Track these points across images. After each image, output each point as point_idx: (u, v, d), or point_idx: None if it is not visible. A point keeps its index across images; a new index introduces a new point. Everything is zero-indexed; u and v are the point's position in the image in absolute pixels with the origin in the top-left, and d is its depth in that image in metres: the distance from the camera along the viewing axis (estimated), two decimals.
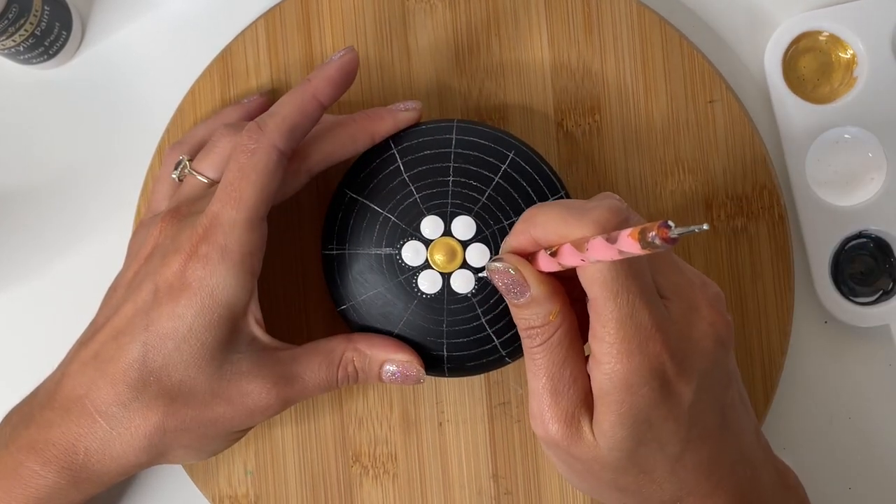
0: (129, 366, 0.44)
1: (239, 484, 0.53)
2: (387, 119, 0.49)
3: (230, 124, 0.50)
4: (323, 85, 0.46)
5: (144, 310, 0.44)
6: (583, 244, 0.37)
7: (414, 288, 0.48)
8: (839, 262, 0.54)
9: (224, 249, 0.44)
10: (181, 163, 0.49)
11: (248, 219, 0.44)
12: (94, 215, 0.56)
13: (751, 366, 0.53)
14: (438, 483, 0.53)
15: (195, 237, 0.44)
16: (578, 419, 0.41)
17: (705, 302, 0.41)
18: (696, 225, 0.30)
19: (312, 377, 0.47)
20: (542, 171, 0.49)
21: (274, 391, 0.46)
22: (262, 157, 0.44)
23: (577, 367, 0.41)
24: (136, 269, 0.46)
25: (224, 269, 0.44)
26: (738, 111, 0.53)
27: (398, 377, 0.48)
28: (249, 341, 0.46)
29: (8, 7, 0.49)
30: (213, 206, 0.44)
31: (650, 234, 0.31)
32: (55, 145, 0.56)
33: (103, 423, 0.44)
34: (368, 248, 0.49)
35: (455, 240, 0.48)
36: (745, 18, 0.56)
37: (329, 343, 0.48)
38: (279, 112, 0.45)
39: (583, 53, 0.54)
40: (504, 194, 0.49)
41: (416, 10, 0.54)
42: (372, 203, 0.49)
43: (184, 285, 0.44)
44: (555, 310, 0.41)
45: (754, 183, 0.53)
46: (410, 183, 0.49)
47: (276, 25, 0.54)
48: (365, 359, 0.48)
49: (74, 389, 0.45)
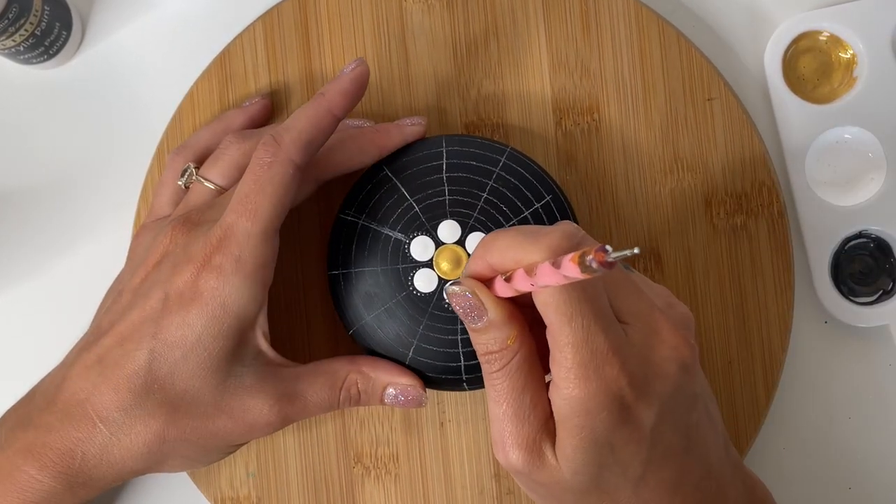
0: (134, 372, 0.44)
1: (241, 485, 0.53)
2: (394, 133, 0.50)
3: (238, 133, 0.50)
4: (338, 99, 0.46)
5: (153, 318, 0.44)
6: (533, 269, 0.37)
7: (409, 280, 0.49)
8: (839, 262, 0.54)
9: (238, 260, 0.44)
10: (188, 170, 0.50)
11: (263, 231, 0.44)
12: (93, 215, 0.56)
13: (752, 363, 0.53)
14: (440, 483, 0.53)
15: (209, 247, 0.44)
16: (540, 445, 0.40)
17: (667, 325, 0.41)
18: (629, 248, 0.30)
19: (314, 397, 0.47)
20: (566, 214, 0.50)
21: (276, 408, 0.46)
22: (278, 170, 0.45)
23: (537, 392, 0.41)
24: (143, 276, 0.46)
25: (237, 280, 0.44)
26: (737, 108, 0.53)
27: (401, 400, 0.48)
28: (255, 355, 0.46)
29: (8, 7, 0.49)
30: (228, 217, 0.44)
31: (588, 258, 0.32)
32: (55, 145, 0.56)
33: (103, 429, 0.44)
34: (381, 225, 0.49)
35: (465, 251, 0.49)
36: (745, 18, 0.56)
37: (333, 364, 0.48)
38: (295, 126, 0.46)
39: (581, 52, 0.54)
40: None
41: (413, 10, 0.54)
42: (403, 187, 0.49)
43: (195, 295, 0.44)
44: (512, 334, 0.41)
45: (753, 180, 0.53)
46: (447, 184, 0.50)
47: (274, 27, 0.54)
48: (368, 381, 0.48)
49: (76, 394, 0.45)
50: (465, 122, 0.54)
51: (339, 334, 0.53)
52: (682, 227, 0.53)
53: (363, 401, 0.48)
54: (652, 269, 0.53)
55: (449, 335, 0.49)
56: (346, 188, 0.51)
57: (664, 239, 0.53)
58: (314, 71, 0.54)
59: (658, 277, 0.53)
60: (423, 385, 0.49)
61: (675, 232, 0.53)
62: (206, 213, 0.47)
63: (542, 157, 0.53)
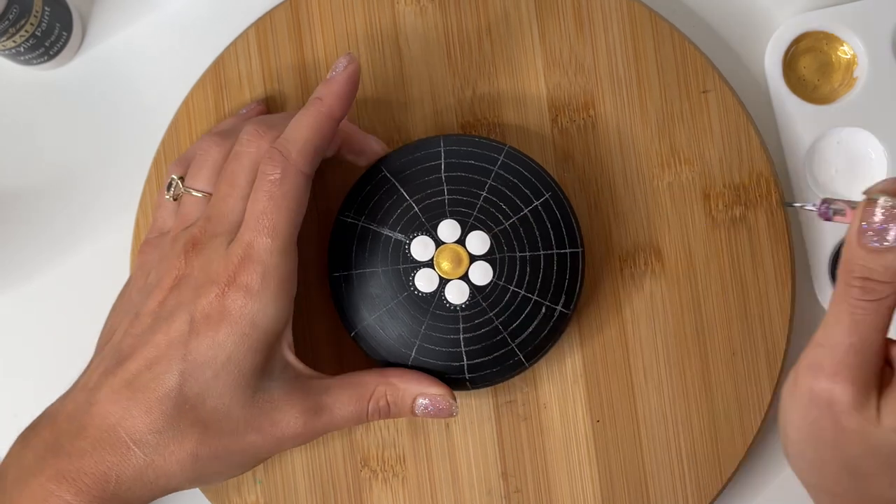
0: (165, 394, 0.44)
1: (248, 492, 0.53)
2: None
3: (214, 134, 0.50)
4: (336, 103, 0.46)
5: (181, 340, 0.44)
6: None
7: (410, 281, 0.49)
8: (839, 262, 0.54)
9: (264, 277, 0.44)
10: (172, 183, 0.49)
11: (283, 246, 0.45)
12: (93, 216, 0.56)
13: (755, 355, 0.53)
14: (448, 484, 0.53)
15: (231, 267, 0.44)
16: (872, 389, 0.39)
17: None
18: None
19: (342, 410, 0.47)
20: (568, 220, 0.50)
21: (302, 420, 0.46)
22: (290, 184, 0.45)
23: (884, 338, 0.39)
24: (160, 299, 0.46)
25: (265, 297, 0.44)
26: (732, 100, 0.53)
27: (431, 410, 0.48)
28: (283, 367, 0.46)
29: (8, 8, 0.49)
30: (246, 236, 0.45)
31: None
32: (55, 146, 0.56)
33: (138, 452, 0.44)
34: (381, 226, 0.50)
35: (466, 250, 0.49)
36: (745, 19, 0.56)
37: (362, 377, 0.48)
38: (300, 136, 0.46)
39: (575, 49, 0.54)
40: (527, 228, 0.49)
41: (406, 12, 0.54)
42: (402, 188, 0.49)
43: (223, 315, 0.44)
44: None
45: (750, 171, 0.53)
46: (446, 184, 0.50)
47: (267, 33, 0.54)
48: (398, 392, 0.48)
49: (106, 418, 0.44)
50: (461, 123, 0.54)
51: (342, 335, 0.53)
52: (681, 221, 0.53)
53: (393, 412, 0.48)
54: (652, 263, 0.53)
55: (451, 334, 0.49)
56: (346, 189, 0.51)
57: (663, 233, 0.53)
58: (308, 75, 0.54)
59: (658, 271, 0.53)
60: (454, 394, 0.49)
61: (675, 225, 0.53)
62: (207, 227, 0.47)
63: (539, 155, 0.53)
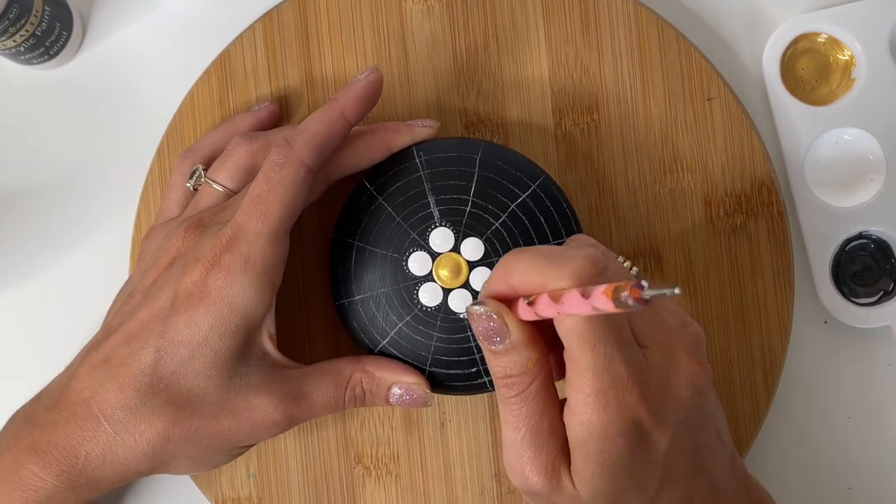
0: (140, 371, 0.44)
1: (242, 486, 0.53)
2: (404, 132, 0.50)
3: (245, 134, 0.50)
4: (351, 104, 0.47)
5: (161, 317, 0.44)
6: (559, 296, 0.36)
7: (414, 299, 0.49)
8: (839, 263, 0.54)
9: (247, 260, 0.44)
10: (196, 172, 0.50)
11: (273, 232, 0.45)
12: (93, 215, 0.56)
13: (752, 363, 0.53)
14: (441, 483, 0.53)
15: (218, 247, 0.44)
16: (558, 469, 0.40)
17: (683, 349, 0.41)
18: (668, 288, 0.30)
19: (320, 397, 0.47)
20: (562, 209, 0.50)
21: (281, 408, 0.46)
22: (290, 171, 0.45)
23: (554, 417, 0.40)
24: (154, 277, 0.47)
25: (246, 279, 0.44)
26: (736, 108, 0.53)
27: (406, 399, 0.48)
28: (260, 356, 0.46)
29: (8, 7, 0.49)
30: (239, 218, 0.45)
31: (623, 293, 0.31)
32: (55, 145, 0.56)
33: (108, 428, 0.45)
34: (377, 246, 0.49)
35: (462, 258, 0.49)
36: (745, 19, 0.56)
37: (338, 364, 0.48)
38: (308, 129, 0.46)
39: (580, 52, 0.54)
40: (519, 225, 0.49)
41: (413, 11, 0.54)
42: (388, 205, 0.49)
43: (203, 294, 0.44)
44: (533, 358, 0.40)
45: (753, 180, 0.53)
46: (431, 195, 0.49)
47: (274, 28, 0.54)
48: (373, 380, 0.48)
49: (81, 392, 0.45)
50: (465, 123, 0.54)
51: (340, 335, 0.53)
52: (681, 227, 0.53)
53: (368, 401, 0.48)
54: (651, 269, 0.53)
55: (462, 343, 0.49)
56: None
57: (664, 238, 0.53)
58: (314, 72, 0.54)
59: (658, 277, 0.53)
60: (428, 384, 0.49)
61: (675, 232, 0.53)
62: (217, 214, 0.47)
63: (541, 158, 0.53)
